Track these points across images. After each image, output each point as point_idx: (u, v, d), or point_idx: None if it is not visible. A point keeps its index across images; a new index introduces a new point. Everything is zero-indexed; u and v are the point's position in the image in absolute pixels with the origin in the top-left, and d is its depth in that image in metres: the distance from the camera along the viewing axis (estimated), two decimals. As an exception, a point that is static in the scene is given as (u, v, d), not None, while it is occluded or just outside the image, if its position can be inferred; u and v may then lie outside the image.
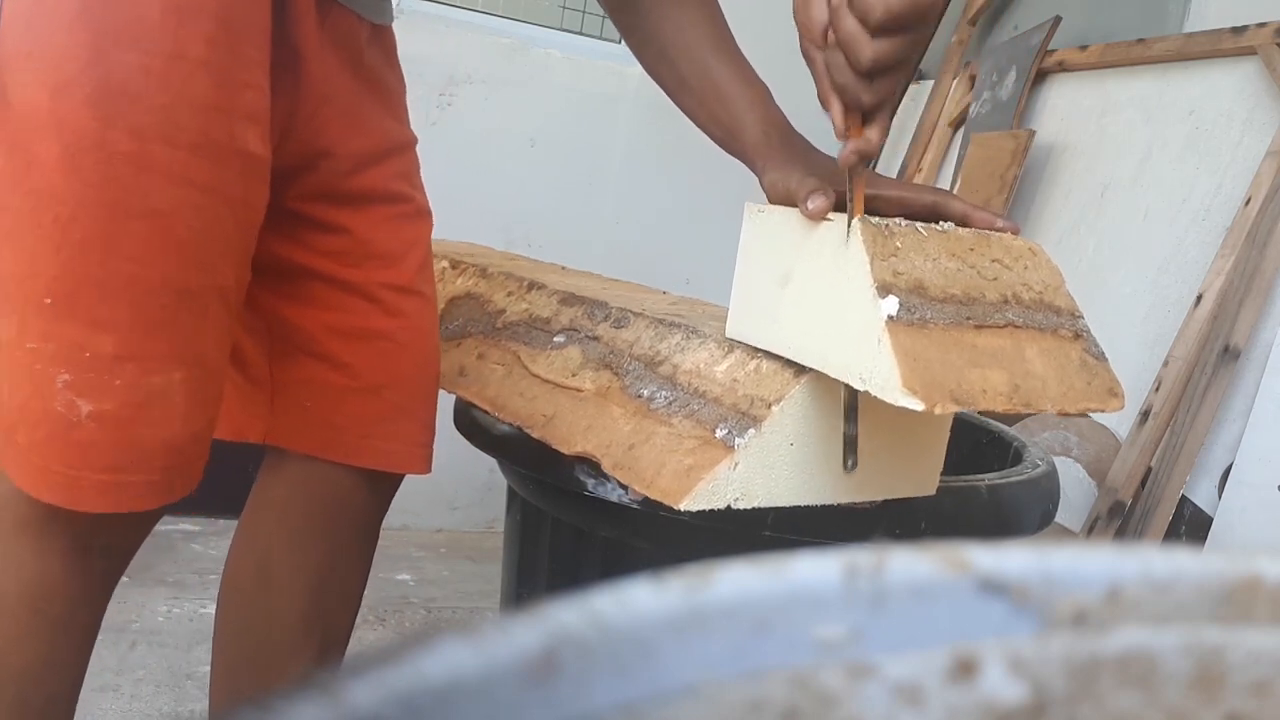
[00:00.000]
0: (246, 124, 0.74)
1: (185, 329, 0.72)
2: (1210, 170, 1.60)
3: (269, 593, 0.97)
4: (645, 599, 0.18)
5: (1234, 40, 1.60)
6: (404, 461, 0.96)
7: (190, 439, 0.74)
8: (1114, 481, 1.51)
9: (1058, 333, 0.70)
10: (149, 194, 0.69)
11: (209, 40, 0.69)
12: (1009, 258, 0.72)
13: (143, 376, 0.70)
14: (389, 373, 0.92)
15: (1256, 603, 0.20)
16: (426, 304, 0.95)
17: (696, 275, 2.25)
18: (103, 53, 0.67)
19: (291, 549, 0.97)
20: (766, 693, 0.18)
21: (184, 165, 0.70)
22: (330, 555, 0.97)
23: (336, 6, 0.81)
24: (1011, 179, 1.86)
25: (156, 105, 0.68)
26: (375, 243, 0.91)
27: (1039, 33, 1.96)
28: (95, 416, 0.69)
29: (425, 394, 0.96)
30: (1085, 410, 0.68)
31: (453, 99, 2.13)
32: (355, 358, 0.91)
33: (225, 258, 0.75)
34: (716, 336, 0.82)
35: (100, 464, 0.70)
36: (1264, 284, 1.43)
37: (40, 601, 0.74)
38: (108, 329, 0.69)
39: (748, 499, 0.72)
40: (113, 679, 1.52)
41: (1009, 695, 0.18)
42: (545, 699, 0.17)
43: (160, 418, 0.71)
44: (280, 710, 0.15)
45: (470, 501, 2.33)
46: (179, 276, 0.71)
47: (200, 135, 0.70)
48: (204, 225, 0.72)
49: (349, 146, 0.86)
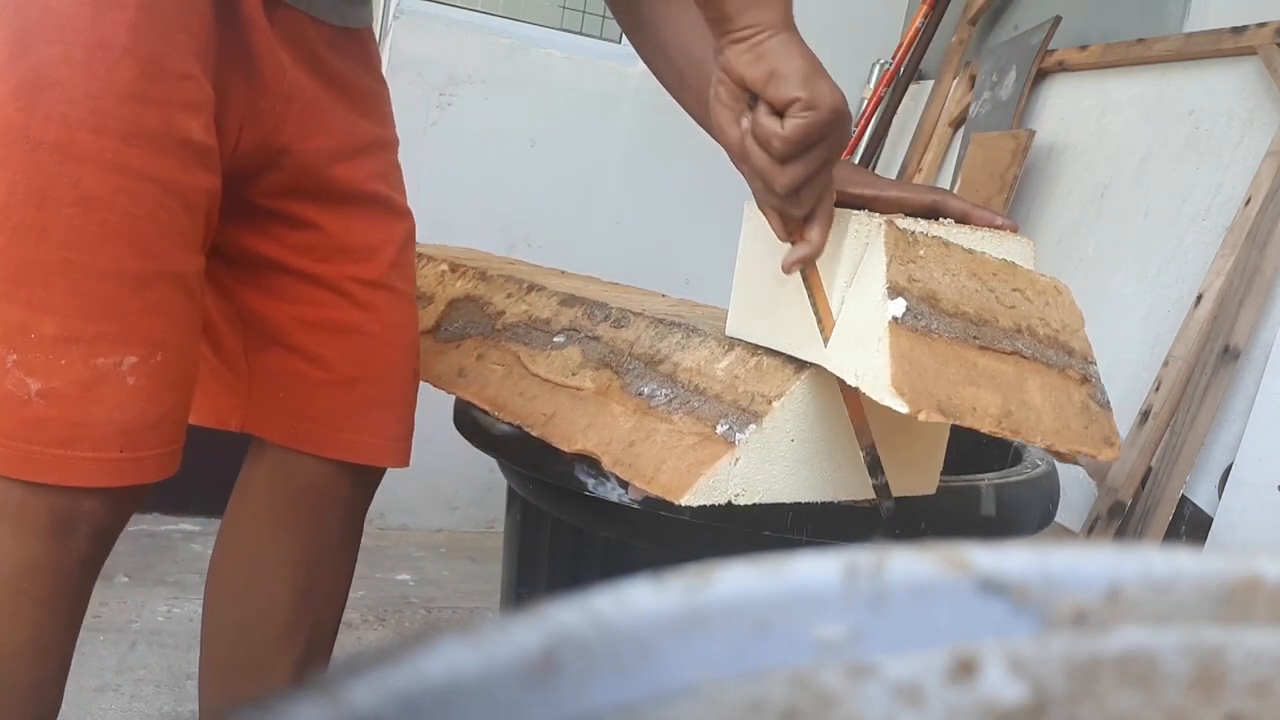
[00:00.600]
0: (187, 113, 0.74)
1: (136, 313, 0.74)
2: (1210, 170, 1.60)
3: (255, 584, 0.98)
4: (645, 599, 0.18)
5: (1234, 40, 1.60)
6: (378, 454, 0.96)
7: (157, 420, 0.76)
8: (1114, 481, 1.51)
9: (1065, 372, 0.70)
10: (79, 182, 0.70)
11: (133, 28, 0.71)
12: (1032, 290, 0.72)
13: (90, 358, 0.72)
14: (361, 366, 0.93)
15: (1256, 603, 0.20)
16: (400, 299, 0.96)
17: (696, 275, 2.25)
18: (26, 46, 0.69)
19: (274, 539, 0.97)
20: (766, 693, 0.18)
21: (115, 153, 0.71)
22: (314, 546, 0.97)
23: (284, 7, 0.82)
24: (1011, 179, 1.86)
25: (81, 95, 0.69)
26: (345, 238, 0.91)
27: (1039, 33, 1.96)
28: (44, 394, 0.71)
29: (401, 388, 0.96)
30: (1077, 453, 0.68)
31: (453, 99, 2.13)
32: (327, 350, 0.92)
33: (175, 244, 0.76)
34: (716, 335, 0.83)
35: (51, 439, 0.72)
36: (1264, 284, 1.43)
37: (24, 583, 0.75)
38: (49, 312, 0.71)
39: (748, 495, 0.73)
40: (113, 679, 1.52)
41: (1009, 695, 0.18)
42: (545, 699, 0.17)
43: (112, 398, 0.73)
44: (280, 710, 0.15)
45: (470, 501, 2.33)
46: (121, 262, 0.72)
47: (131, 123, 0.71)
48: (145, 212, 0.73)
49: (310, 144, 0.87)
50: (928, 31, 2.28)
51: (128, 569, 1.88)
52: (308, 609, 0.98)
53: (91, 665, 1.55)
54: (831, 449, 0.76)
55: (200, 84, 0.76)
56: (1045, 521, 1.02)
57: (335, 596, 1.01)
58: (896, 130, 2.35)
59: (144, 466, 0.76)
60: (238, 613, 0.99)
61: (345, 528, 1.00)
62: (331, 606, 1.01)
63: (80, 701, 1.46)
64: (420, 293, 1.10)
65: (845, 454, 0.77)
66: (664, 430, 0.77)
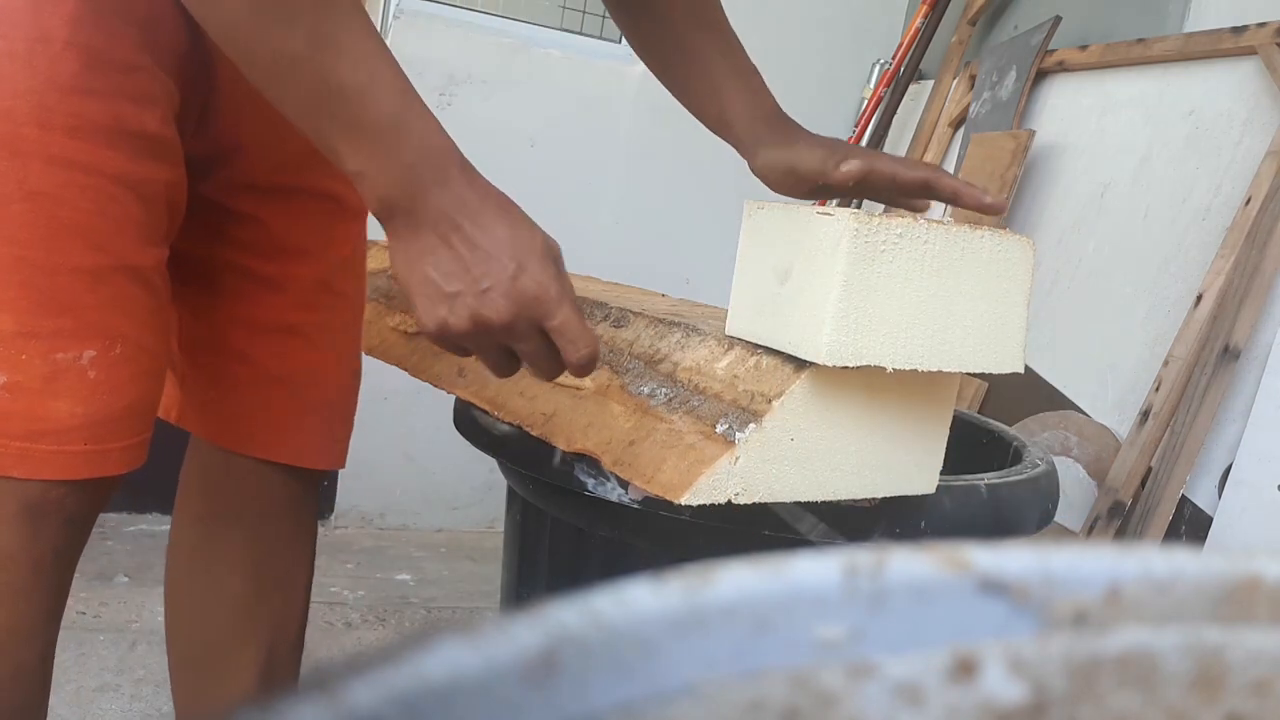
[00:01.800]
0: (138, 105, 0.73)
1: (92, 308, 0.73)
2: (1210, 170, 1.60)
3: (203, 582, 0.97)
4: (645, 599, 0.18)
5: (1234, 40, 1.60)
6: (308, 455, 0.95)
7: (122, 413, 0.76)
8: (1114, 481, 1.51)
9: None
10: (26, 178, 0.70)
11: (73, 21, 0.70)
12: None
13: (49, 353, 0.72)
14: (294, 366, 0.92)
15: (1256, 603, 0.20)
16: (344, 301, 0.95)
17: (696, 275, 2.25)
18: None
19: (216, 537, 0.97)
20: (766, 693, 0.18)
21: (61, 147, 0.70)
22: (258, 542, 0.97)
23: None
24: (1011, 179, 1.86)
25: (23, 89, 0.69)
26: (291, 236, 0.90)
27: (1039, 33, 1.96)
28: (8, 388, 0.71)
29: (337, 389, 0.96)
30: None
31: (453, 99, 2.13)
32: (259, 350, 0.91)
33: (130, 237, 0.75)
34: (716, 334, 0.83)
35: (16, 432, 0.72)
36: (1264, 284, 1.43)
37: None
38: (6, 308, 0.70)
39: (748, 494, 0.72)
40: (113, 679, 1.52)
41: (1009, 695, 0.18)
42: (545, 699, 0.17)
43: (74, 391, 0.73)
44: (280, 710, 0.15)
45: (470, 501, 2.33)
46: (73, 257, 0.72)
47: (76, 117, 0.71)
48: (95, 206, 0.72)
49: (264, 140, 0.86)
50: (928, 31, 2.28)
51: (128, 569, 1.88)
52: (263, 605, 0.97)
53: (91, 665, 1.55)
54: (831, 449, 0.76)
55: (153, 75, 0.74)
56: (1045, 521, 1.02)
57: (293, 591, 1.00)
58: (896, 130, 2.35)
59: (109, 459, 0.76)
60: (190, 611, 0.99)
61: (289, 522, 0.99)
62: (290, 601, 1.00)
63: (80, 701, 1.46)
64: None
65: (845, 454, 0.77)
66: (664, 430, 0.77)
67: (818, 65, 2.40)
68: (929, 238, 0.72)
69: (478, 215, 0.63)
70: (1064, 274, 1.79)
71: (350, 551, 2.15)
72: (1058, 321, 1.75)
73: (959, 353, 0.75)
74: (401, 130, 0.62)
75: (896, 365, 0.72)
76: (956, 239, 0.73)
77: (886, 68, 2.36)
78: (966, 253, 0.74)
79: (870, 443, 0.77)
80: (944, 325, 0.74)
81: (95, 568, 1.85)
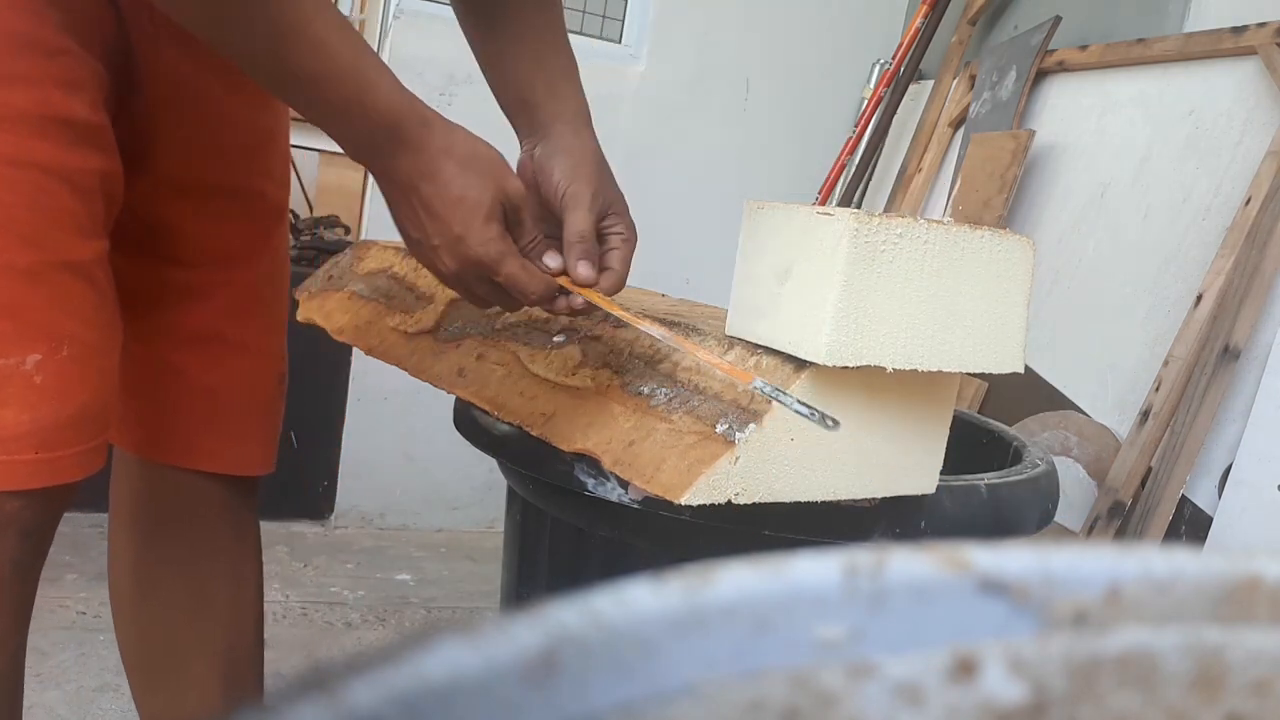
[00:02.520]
0: (66, 90, 0.70)
1: (33, 308, 0.70)
2: (1210, 170, 1.60)
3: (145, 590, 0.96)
4: (645, 599, 0.18)
5: (1234, 40, 1.60)
6: (244, 464, 0.93)
7: (73, 417, 0.72)
8: (1114, 481, 1.51)
9: None
10: None
11: None
12: None
13: None
14: (224, 375, 0.90)
15: (1256, 603, 0.20)
16: (264, 305, 0.93)
17: (696, 275, 2.25)
18: None
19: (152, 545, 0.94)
20: (766, 693, 0.18)
21: None
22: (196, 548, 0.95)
23: None
24: (1011, 179, 1.86)
25: None
26: (218, 242, 0.88)
27: (1039, 33, 1.96)
28: None
29: (262, 395, 0.94)
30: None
31: (453, 99, 2.13)
32: (189, 361, 0.89)
33: (66, 231, 0.71)
34: (716, 334, 0.83)
35: None
36: (1264, 284, 1.43)
37: None
38: None
39: (748, 494, 0.72)
40: (113, 679, 1.52)
41: (1009, 695, 0.18)
42: (545, 699, 0.17)
43: (20, 398, 0.69)
44: (280, 710, 0.15)
45: (470, 501, 2.33)
46: (6, 255, 0.68)
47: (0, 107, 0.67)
48: (25, 200, 0.69)
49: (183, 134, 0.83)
50: (928, 31, 2.28)
51: (128, 569, 1.88)
52: (211, 609, 0.95)
53: (91, 665, 1.55)
54: (831, 449, 0.76)
55: (81, 59, 0.71)
56: (1045, 521, 1.02)
57: (242, 592, 0.98)
58: (896, 130, 2.35)
59: (62, 466, 0.72)
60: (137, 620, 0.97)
61: (225, 526, 0.96)
62: (241, 603, 0.98)
63: (80, 701, 1.46)
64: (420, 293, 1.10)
65: (845, 454, 0.77)
66: (664, 429, 0.77)
67: (818, 65, 2.40)
68: (929, 238, 0.72)
69: (435, 175, 0.68)
70: (1064, 274, 1.79)
71: (350, 551, 2.15)
72: (1058, 321, 1.75)
73: (959, 353, 0.75)
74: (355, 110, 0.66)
75: (896, 365, 0.72)
76: (956, 239, 0.73)
77: (886, 68, 2.36)
78: (966, 253, 0.74)
79: (870, 443, 0.77)
80: (944, 325, 0.74)
81: (95, 568, 1.85)
